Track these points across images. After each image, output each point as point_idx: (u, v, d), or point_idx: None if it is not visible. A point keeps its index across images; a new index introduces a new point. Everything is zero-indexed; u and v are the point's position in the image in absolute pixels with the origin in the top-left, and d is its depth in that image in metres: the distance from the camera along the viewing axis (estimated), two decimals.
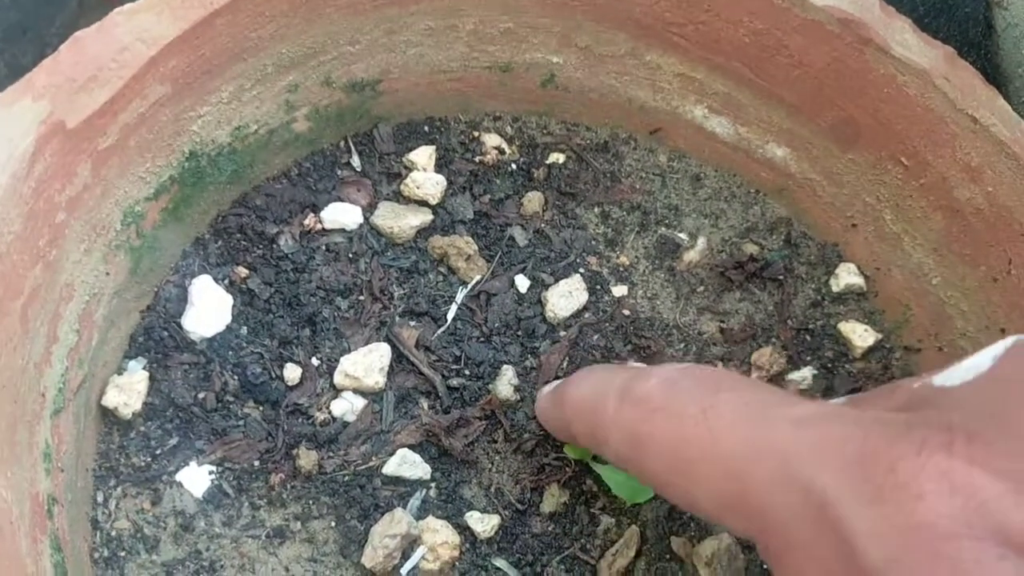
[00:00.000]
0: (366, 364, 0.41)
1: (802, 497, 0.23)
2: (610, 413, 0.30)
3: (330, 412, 0.40)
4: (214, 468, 0.39)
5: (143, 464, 0.38)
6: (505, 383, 0.41)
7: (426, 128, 0.47)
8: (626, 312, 0.44)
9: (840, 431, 0.23)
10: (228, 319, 0.41)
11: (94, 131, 0.35)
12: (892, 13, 0.41)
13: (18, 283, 0.33)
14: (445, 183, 0.45)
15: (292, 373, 0.40)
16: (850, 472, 0.22)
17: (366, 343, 0.42)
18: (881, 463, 0.22)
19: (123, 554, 0.37)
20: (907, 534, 0.20)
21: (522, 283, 0.44)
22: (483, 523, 0.39)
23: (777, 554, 0.24)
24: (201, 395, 0.39)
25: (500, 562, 0.39)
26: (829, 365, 0.44)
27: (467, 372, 0.42)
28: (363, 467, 0.39)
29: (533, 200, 0.46)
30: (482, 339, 0.43)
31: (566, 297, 0.43)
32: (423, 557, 0.38)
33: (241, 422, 0.39)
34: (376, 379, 0.40)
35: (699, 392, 0.28)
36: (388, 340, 0.42)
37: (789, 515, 0.23)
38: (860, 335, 0.45)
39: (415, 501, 0.39)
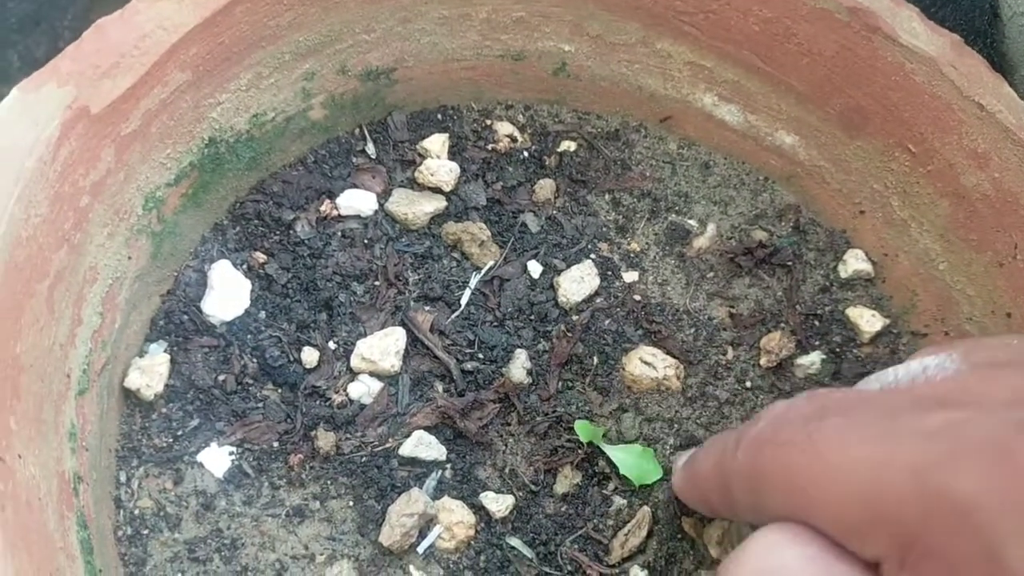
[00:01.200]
0: (382, 348, 0.41)
1: (940, 504, 0.22)
2: (731, 466, 0.30)
3: (347, 394, 0.41)
4: (234, 449, 0.39)
5: (165, 445, 0.39)
6: (518, 366, 0.42)
7: (439, 116, 0.48)
8: (637, 297, 0.45)
9: (979, 436, 0.22)
10: (247, 303, 0.42)
11: (117, 117, 0.36)
12: (900, 2, 0.42)
13: (44, 265, 0.33)
14: (458, 170, 0.46)
15: (310, 356, 0.41)
16: (994, 476, 0.21)
17: (382, 327, 0.42)
18: None
19: (146, 532, 0.37)
20: None
21: (535, 269, 0.45)
22: (498, 503, 0.39)
23: (913, 567, 0.23)
24: (221, 377, 0.40)
25: (514, 541, 0.39)
26: (837, 350, 0.45)
27: (481, 356, 0.43)
28: (380, 448, 0.40)
29: (545, 187, 0.47)
30: (495, 323, 0.43)
31: (578, 282, 0.44)
32: (439, 536, 0.38)
33: (260, 404, 0.40)
34: (392, 362, 0.41)
35: (803, 419, 0.27)
36: (403, 324, 0.42)
37: (927, 525, 0.23)
38: (868, 320, 0.45)
39: (431, 481, 0.40)
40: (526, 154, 0.48)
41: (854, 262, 0.46)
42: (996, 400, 0.25)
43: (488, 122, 0.48)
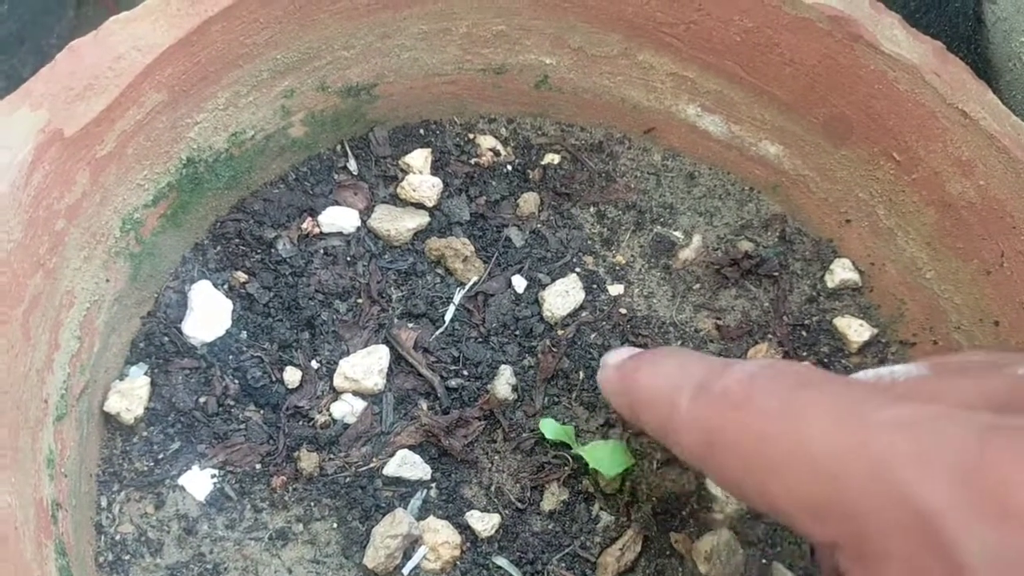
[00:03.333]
0: (365, 366, 0.41)
1: (902, 506, 0.22)
2: (684, 410, 0.28)
3: (330, 414, 0.40)
4: (216, 472, 0.39)
5: (146, 469, 0.39)
6: (503, 383, 0.42)
7: (422, 131, 0.48)
8: (623, 310, 0.45)
9: (948, 436, 0.22)
10: (228, 324, 0.41)
11: (92, 139, 0.36)
12: (881, 9, 0.41)
13: (19, 291, 0.33)
14: (441, 185, 0.46)
15: (292, 376, 0.41)
16: (961, 485, 0.21)
17: (365, 345, 0.42)
18: (998, 480, 0.20)
19: (127, 558, 0.37)
20: None
21: (519, 283, 0.44)
22: (483, 522, 0.39)
23: (868, 563, 0.23)
24: (202, 399, 0.40)
25: (501, 560, 0.39)
26: (825, 360, 0.45)
27: (465, 372, 0.42)
28: (364, 468, 0.40)
29: (529, 201, 0.46)
30: (480, 339, 0.43)
31: (563, 296, 0.44)
32: (424, 557, 0.38)
33: (242, 426, 0.40)
34: (375, 381, 0.41)
35: (781, 388, 0.26)
36: (387, 342, 0.42)
37: (886, 524, 0.22)
38: (856, 330, 0.45)
39: (416, 501, 0.39)
40: (509, 168, 0.47)
41: (841, 272, 0.46)
42: (965, 398, 0.24)
43: (471, 136, 0.48)
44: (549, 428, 0.40)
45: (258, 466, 0.39)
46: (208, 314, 0.41)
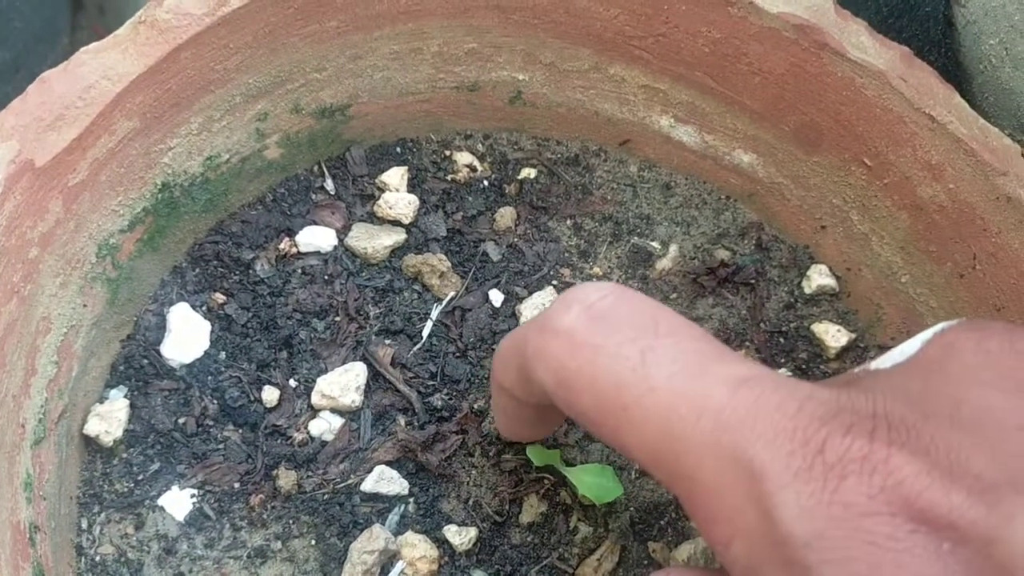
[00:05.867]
0: (343, 384, 0.41)
1: (732, 465, 0.23)
2: (531, 343, 0.28)
3: (308, 432, 0.41)
4: (195, 491, 0.39)
5: (126, 490, 0.39)
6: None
7: (398, 149, 0.48)
8: None
9: (776, 399, 0.23)
10: (206, 345, 0.42)
11: (64, 168, 0.36)
12: (847, 16, 0.42)
13: None
14: (418, 202, 0.46)
15: (270, 395, 0.41)
16: (781, 446, 0.23)
17: (343, 363, 0.42)
18: (811, 441, 0.22)
19: None
20: (831, 510, 0.22)
21: (496, 297, 0.45)
22: (461, 536, 0.39)
23: (702, 519, 0.24)
24: (181, 420, 0.40)
25: (478, 574, 0.39)
26: (804, 367, 0.45)
27: (444, 388, 0.43)
28: (342, 485, 0.40)
29: (506, 215, 0.47)
30: (458, 354, 0.43)
31: (539, 309, 0.44)
32: (402, 572, 0.38)
33: (221, 445, 0.40)
34: (353, 398, 0.41)
35: (634, 331, 0.26)
36: (364, 359, 0.43)
37: (718, 483, 0.23)
38: (833, 335, 0.45)
39: (394, 517, 0.40)
40: (486, 183, 0.48)
41: (818, 277, 0.46)
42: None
43: (447, 153, 0.48)
44: (536, 455, 0.40)
45: (237, 485, 0.40)
46: (186, 336, 0.41)
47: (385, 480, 0.40)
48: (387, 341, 0.43)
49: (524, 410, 0.33)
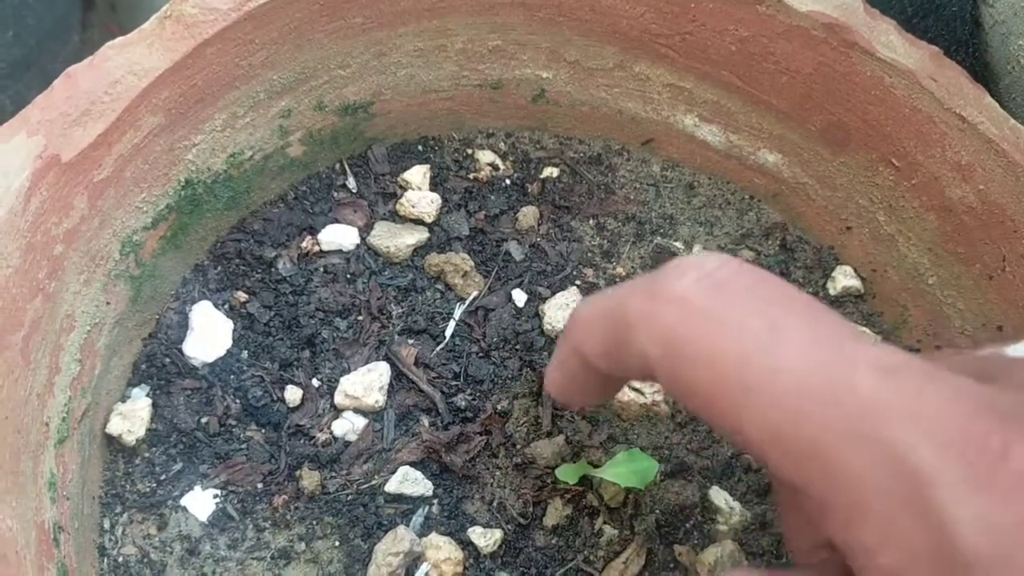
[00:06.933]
0: (366, 383, 0.41)
1: (890, 465, 0.20)
2: (635, 309, 0.25)
3: (331, 432, 0.41)
4: (218, 492, 0.39)
5: (148, 490, 0.39)
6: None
7: (420, 147, 0.48)
8: None
9: (940, 396, 0.21)
10: (229, 343, 0.41)
11: (89, 163, 0.36)
12: (876, 15, 0.41)
13: (18, 316, 0.33)
14: (440, 201, 0.46)
15: (293, 395, 0.41)
16: (954, 451, 0.20)
17: (365, 362, 0.42)
18: (991, 447, 0.20)
19: None
20: (1021, 529, 0.19)
21: (519, 297, 0.44)
22: (486, 538, 0.39)
23: (840, 515, 0.22)
24: (204, 420, 0.40)
25: None
26: None
27: (467, 388, 0.42)
28: (365, 486, 0.40)
29: (528, 215, 0.46)
30: (481, 354, 0.43)
31: (563, 310, 0.44)
32: (427, 574, 0.38)
33: (244, 445, 0.40)
34: (376, 398, 0.41)
35: (760, 303, 0.23)
36: (387, 359, 0.42)
37: (869, 480, 0.21)
38: None
39: (418, 518, 0.39)
40: (508, 182, 0.48)
41: (843, 279, 0.46)
42: (953, 367, 0.23)
43: (469, 151, 0.48)
44: (569, 474, 0.39)
45: (260, 485, 0.39)
46: (209, 334, 0.41)
47: (409, 481, 0.40)
48: (410, 341, 0.43)
49: (592, 376, 0.30)
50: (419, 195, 0.45)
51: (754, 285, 0.24)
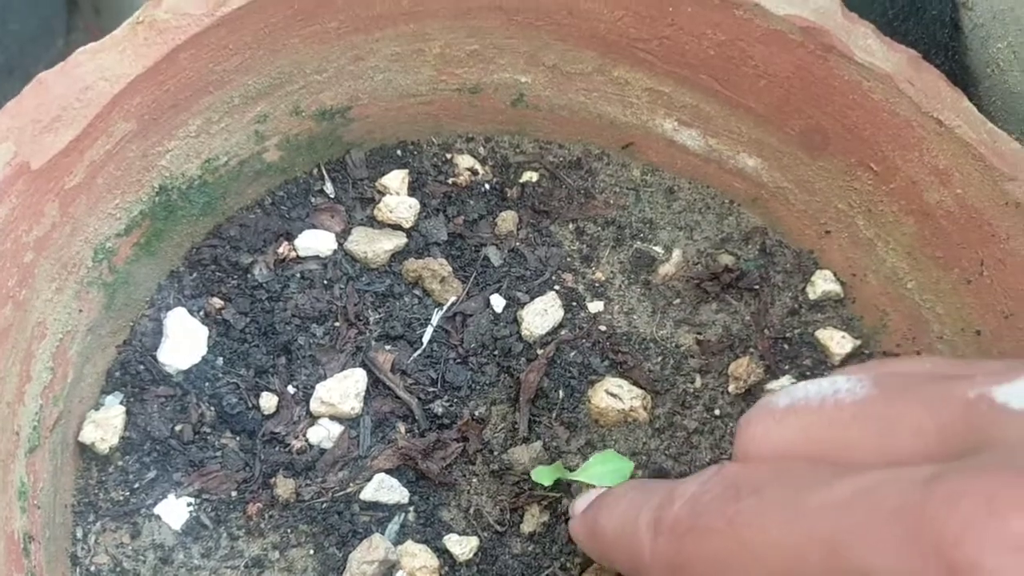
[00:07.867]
0: (342, 390, 0.41)
1: None
2: (647, 551, 0.28)
3: (307, 440, 0.40)
4: (192, 500, 0.39)
5: (121, 498, 0.39)
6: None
7: (399, 152, 0.48)
8: (602, 328, 0.44)
9: (892, 503, 0.21)
10: (204, 350, 0.41)
11: (60, 170, 0.36)
12: (854, 19, 0.41)
13: None
14: (418, 206, 0.46)
15: (268, 402, 0.41)
16: (910, 550, 0.20)
17: (342, 369, 0.42)
18: (939, 533, 0.19)
19: None
20: None
21: (497, 303, 0.44)
22: (462, 546, 0.39)
23: None
24: (178, 427, 0.40)
25: None
26: (808, 373, 0.44)
27: (444, 394, 0.42)
28: (341, 493, 0.39)
29: (507, 219, 0.46)
30: (459, 360, 0.43)
31: (541, 315, 0.44)
32: None
33: (218, 453, 0.40)
34: (352, 405, 0.41)
35: (720, 503, 0.26)
36: (364, 365, 0.42)
37: None
38: (838, 342, 0.44)
39: (393, 526, 0.39)
40: (487, 187, 0.47)
41: (822, 283, 0.46)
42: (901, 449, 0.24)
43: (448, 156, 0.48)
44: (544, 475, 0.39)
45: (234, 493, 0.39)
46: (184, 341, 0.41)
47: (385, 488, 0.39)
48: (387, 347, 0.43)
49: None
50: (397, 200, 0.45)
51: (721, 486, 0.27)
